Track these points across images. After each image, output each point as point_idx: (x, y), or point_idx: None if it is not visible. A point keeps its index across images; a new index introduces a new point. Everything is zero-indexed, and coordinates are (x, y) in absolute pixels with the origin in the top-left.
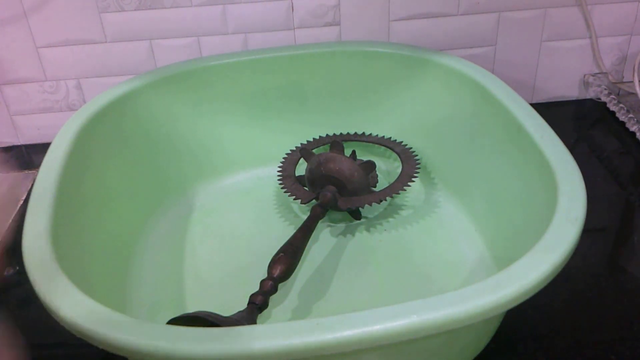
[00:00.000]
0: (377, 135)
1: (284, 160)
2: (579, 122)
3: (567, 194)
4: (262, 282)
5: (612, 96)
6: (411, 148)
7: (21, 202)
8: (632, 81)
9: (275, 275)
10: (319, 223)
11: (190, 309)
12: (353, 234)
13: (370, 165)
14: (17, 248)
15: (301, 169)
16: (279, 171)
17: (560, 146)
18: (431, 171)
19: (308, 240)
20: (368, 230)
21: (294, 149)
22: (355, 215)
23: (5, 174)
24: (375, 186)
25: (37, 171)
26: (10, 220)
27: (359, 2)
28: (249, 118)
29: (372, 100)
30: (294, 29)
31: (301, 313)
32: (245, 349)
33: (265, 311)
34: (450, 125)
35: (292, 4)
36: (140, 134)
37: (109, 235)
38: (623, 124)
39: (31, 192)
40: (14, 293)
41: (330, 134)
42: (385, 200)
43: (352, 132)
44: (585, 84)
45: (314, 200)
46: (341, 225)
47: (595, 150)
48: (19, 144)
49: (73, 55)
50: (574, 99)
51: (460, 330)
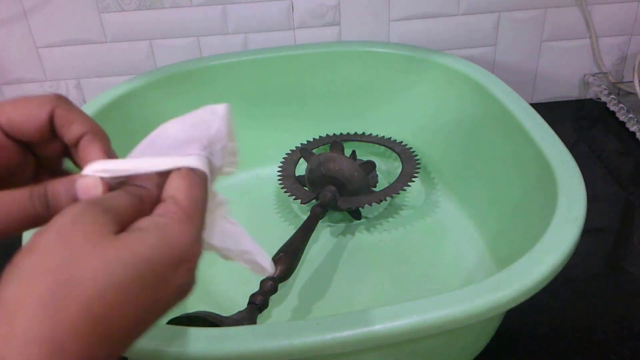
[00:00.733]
0: (377, 135)
1: (284, 160)
2: (579, 122)
3: (567, 194)
4: (262, 282)
5: (612, 96)
6: (411, 148)
7: None
8: (632, 81)
9: (275, 275)
10: (319, 223)
11: (191, 309)
12: (353, 234)
13: (370, 165)
14: (17, 248)
15: (301, 169)
16: (279, 171)
17: (560, 146)
18: (431, 171)
19: (308, 240)
20: (368, 230)
21: (294, 149)
22: (355, 215)
23: None
24: (375, 186)
25: None
26: None
27: (359, 2)
28: (249, 118)
29: (372, 100)
30: (294, 29)
31: (301, 313)
32: (245, 349)
33: (265, 311)
34: (450, 125)
35: (292, 4)
36: (140, 134)
37: None
38: (623, 124)
39: None
40: None
41: (330, 134)
42: (385, 200)
43: (352, 132)
44: (585, 84)
45: (314, 200)
46: (341, 225)
47: (595, 150)
48: None
49: (73, 55)
50: (574, 99)
51: (460, 330)
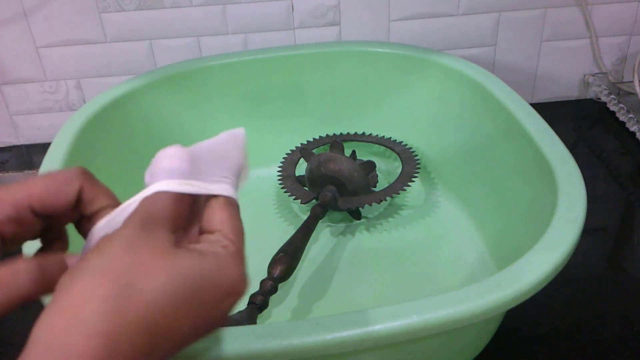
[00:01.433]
0: (377, 135)
1: (284, 160)
2: (579, 122)
3: (567, 194)
4: (262, 282)
5: (612, 96)
6: (411, 148)
7: None
8: (632, 81)
9: (275, 275)
10: (319, 223)
11: None
12: (353, 234)
13: (370, 165)
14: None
15: (301, 169)
16: (279, 171)
17: (560, 146)
18: (431, 171)
19: (308, 240)
20: (368, 230)
21: (294, 149)
22: (355, 215)
23: (5, 174)
24: (375, 186)
25: (37, 171)
26: None
27: (359, 2)
28: (249, 118)
29: (372, 100)
30: (294, 29)
31: (301, 313)
32: (245, 349)
33: (265, 311)
34: (450, 125)
35: (292, 4)
36: (140, 134)
37: None
38: (623, 124)
39: None
40: None
41: (330, 134)
42: (385, 200)
43: (352, 132)
44: (585, 84)
45: (314, 200)
46: (341, 225)
47: (595, 150)
48: (19, 144)
49: (73, 55)
50: (574, 99)
51: (460, 331)
